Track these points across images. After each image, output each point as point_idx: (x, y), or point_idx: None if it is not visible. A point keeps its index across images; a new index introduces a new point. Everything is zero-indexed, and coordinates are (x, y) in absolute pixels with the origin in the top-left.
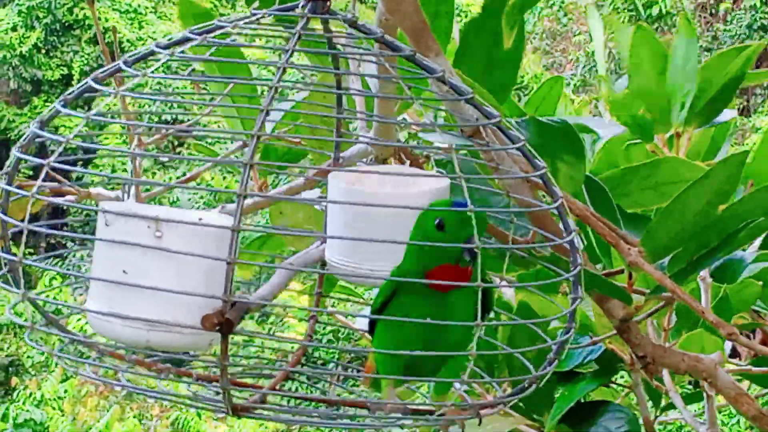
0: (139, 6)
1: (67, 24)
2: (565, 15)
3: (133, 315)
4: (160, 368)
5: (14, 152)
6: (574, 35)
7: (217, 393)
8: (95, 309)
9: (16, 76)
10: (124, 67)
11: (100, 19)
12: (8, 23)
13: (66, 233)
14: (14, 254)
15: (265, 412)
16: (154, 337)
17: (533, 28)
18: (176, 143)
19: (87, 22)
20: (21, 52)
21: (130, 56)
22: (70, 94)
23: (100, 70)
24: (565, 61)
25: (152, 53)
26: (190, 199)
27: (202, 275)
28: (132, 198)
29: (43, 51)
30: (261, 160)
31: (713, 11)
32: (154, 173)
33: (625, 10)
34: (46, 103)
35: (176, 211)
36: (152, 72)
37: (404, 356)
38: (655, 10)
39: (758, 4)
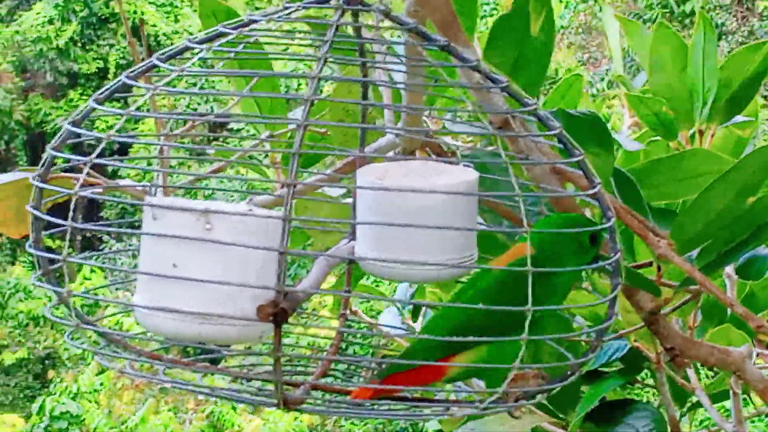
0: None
1: (103, 17)
2: (601, 9)
3: (184, 309)
4: (198, 367)
5: (48, 150)
6: None
7: (259, 389)
8: (144, 304)
9: (52, 69)
10: (157, 63)
11: (135, 12)
12: (45, 16)
13: (111, 229)
14: (51, 249)
15: (315, 406)
16: (206, 330)
17: (569, 22)
18: (212, 138)
19: (133, 20)
20: (57, 45)
21: (163, 53)
22: (101, 93)
23: (134, 67)
24: (601, 55)
25: (186, 49)
26: (224, 193)
27: (254, 266)
28: (160, 191)
29: (80, 44)
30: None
31: (749, 6)
32: (189, 166)
33: (659, 6)
34: (83, 97)
35: (223, 204)
36: (188, 68)
37: None
38: (688, 7)
39: None
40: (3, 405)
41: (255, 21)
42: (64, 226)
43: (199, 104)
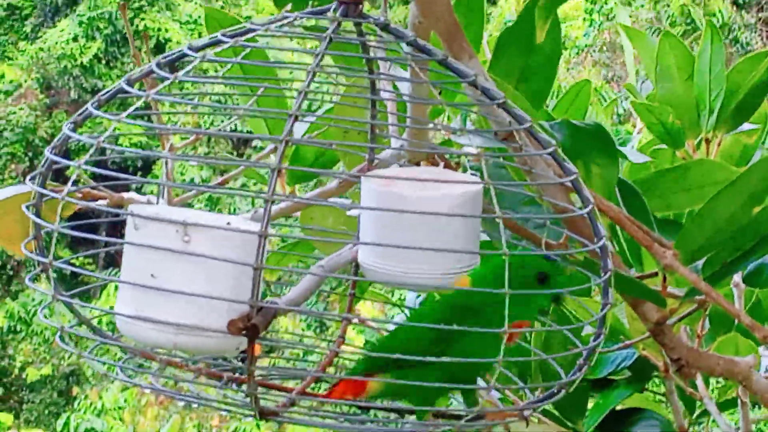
0: (199, 17)
1: (127, 35)
2: (613, 18)
3: (160, 318)
4: (192, 368)
5: (47, 153)
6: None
7: (245, 398)
8: (123, 312)
9: (76, 86)
10: (156, 69)
11: (159, 29)
12: (69, 33)
13: (94, 236)
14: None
15: (293, 416)
16: (181, 340)
17: (593, 40)
18: (236, 154)
19: (148, 32)
20: (82, 62)
21: (162, 58)
22: (103, 95)
23: (133, 71)
24: (625, 74)
25: (184, 56)
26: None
27: (230, 279)
28: (164, 201)
29: (104, 61)
30: (291, 165)
31: None
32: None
33: (683, 23)
34: (105, 114)
35: (205, 214)
36: (183, 74)
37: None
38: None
39: None
40: (28, 421)
41: (253, 30)
42: (49, 228)
43: (222, 120)
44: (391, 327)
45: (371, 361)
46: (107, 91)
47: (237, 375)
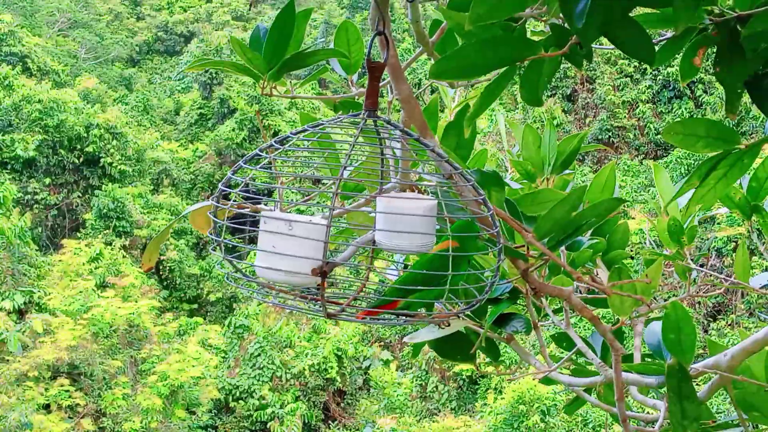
0: (296, 119)
1: (258, 128)
2: (495, 120)
3: (278, 268)
4: (292, 294)
5: (219, 186)
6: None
7: (319, 307)
8: (260, 265)
9: (234, 153)
10: (273, 144)
11: (274, 123)
12: (230, 127)
13: (244, 227)
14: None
15: (346, 316)
16: (289, 278)
17: (492, 129)
18: (316, 185)
19: (274, 128)
20: (237, 141)
21: (276, 139)
22: (246, 158)
23: (262, 146)
24: (508, 145)
25: (288, 137)
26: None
27: (312, 248)
28: (278, 210)
29: (247, 141)
30: (343, 190)
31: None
32: (297, 199)
33: (539, 121)
34: (249, 166)
35: (300, 216)
36: (288, 146)
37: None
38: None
39: (605, 117)
40: (210, 321)
41: (322, 124)
42: (223, 223)
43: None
44: (392, 271)
45: (395, 290)
46: (249, 156)
47: (311, 296)
